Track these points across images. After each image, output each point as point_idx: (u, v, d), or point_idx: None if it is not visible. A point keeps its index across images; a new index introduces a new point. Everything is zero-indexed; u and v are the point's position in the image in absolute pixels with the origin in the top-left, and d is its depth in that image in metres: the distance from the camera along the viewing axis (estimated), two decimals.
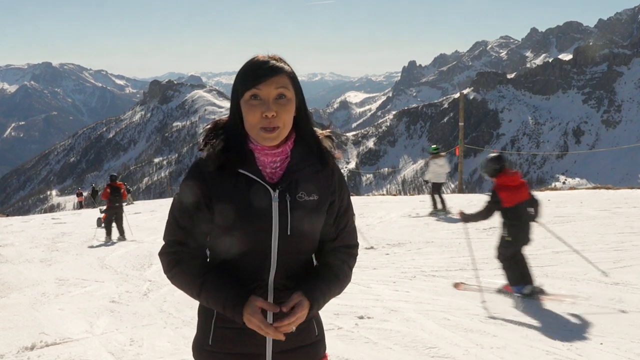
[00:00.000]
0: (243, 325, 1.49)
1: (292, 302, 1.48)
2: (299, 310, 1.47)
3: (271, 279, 1.55)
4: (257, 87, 1.49)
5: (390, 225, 10.84)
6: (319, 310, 1.57)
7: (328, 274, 1.61)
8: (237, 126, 1.57)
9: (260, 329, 1.46)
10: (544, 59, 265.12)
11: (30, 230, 16.61)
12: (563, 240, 6.33)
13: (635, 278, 5.59)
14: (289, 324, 1.46)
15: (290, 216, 1.53)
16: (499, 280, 5.79)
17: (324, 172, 1.61)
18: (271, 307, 1.48)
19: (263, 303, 1.48)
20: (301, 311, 1.47)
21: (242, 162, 1.54)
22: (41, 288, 6.96)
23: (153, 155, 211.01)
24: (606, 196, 12.58)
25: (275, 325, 1.45)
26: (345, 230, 1.67)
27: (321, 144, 1.63)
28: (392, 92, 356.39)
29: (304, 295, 1.50)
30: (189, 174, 1.58)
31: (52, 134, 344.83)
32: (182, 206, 1.57)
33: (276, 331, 1.46)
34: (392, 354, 3.90)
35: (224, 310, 1.50)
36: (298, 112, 1.59)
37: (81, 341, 4.63)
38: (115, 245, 10.98)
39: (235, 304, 1.48)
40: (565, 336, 4.07)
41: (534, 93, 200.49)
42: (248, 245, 1.53)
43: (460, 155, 21.46)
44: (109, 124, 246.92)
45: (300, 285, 1.54)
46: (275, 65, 1.52)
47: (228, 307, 1.49)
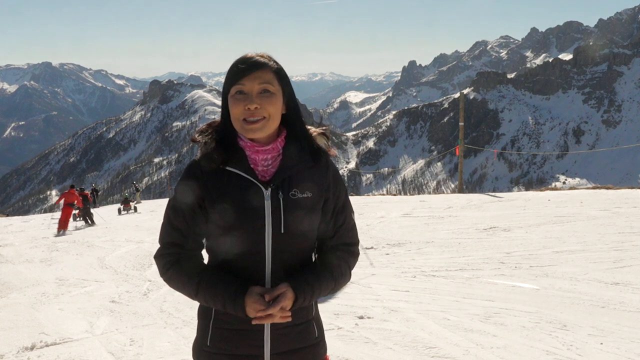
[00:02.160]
0: (246, 319, 1.48)
1: (276, 291, 1.47)
2: (282, 300, 1.46)
3: (268, 278, 1.55)
4: (241, 82, 1.50)
5: (390, 225, 10.85)
6: (305, 304, 1.53)
7: (321, 270, 1.59)
8: (227, 124, 1.58)
9: (263, 315, 1.45)
10: (544, 59, 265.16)
11: (30, 230, 16.61)
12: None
13: (635, 278, 5.59)
14: (270, 314, 1.45)
15: (284, 214, 1.53)
16: (499, 280, 5.79)
17: (318, 169, 1.61)
18: (269, 293, 1.48)
19: (261, 289, 1.48)
20: (284, 302, 1.46)
21: (234, 160, 1.54)
22: (41, 288, 6.97)
23: (153, 155, 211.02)
24: (606, 196, 12.57)
25: (258, 315, 1.45)
26: (343, 228, 1.66)
27: (314, 140, 1.63)
28: (392, 92, 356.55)
29: (290, 286, 1.49)
30: (184, 175, 1.59)
31: (52, 134, 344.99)
32: (177, 207, 1.57)
33: (280, 317, 1.46)
34: (392, 354, 3.90)
35: (224, 307, 1.49)
36: (288, 109, 1.59)
37: (81, 341, 4.63)
38: (115, 245, 10.99)
39: (235, 298, 1.47)
40: (565, 336, 4.06)
41: (534, 93, 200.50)
42: (243, 245, 1.53)
43: (460, 155, 21.47)
44: (109, 124, 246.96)
45: (291, 277, 1.53)
46: (258, 61, 1.53)
47: (228, 302, 1.48)
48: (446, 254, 7.47)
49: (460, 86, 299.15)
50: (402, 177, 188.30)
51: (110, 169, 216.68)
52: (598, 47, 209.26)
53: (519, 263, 6.57)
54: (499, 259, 6.89)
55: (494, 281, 5.80)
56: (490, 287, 5.60)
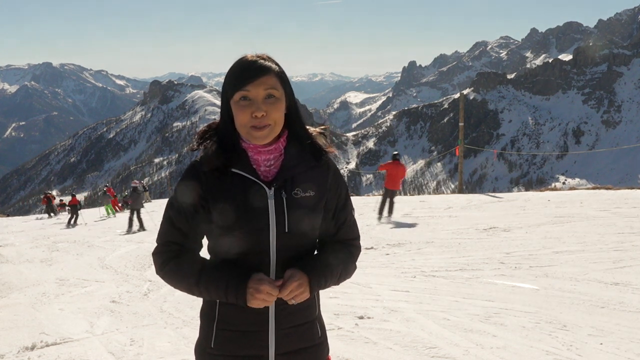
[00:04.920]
0: (247, 308, 1.48)
1: (286, 275, 1.48)
2: (292, 281, 1.46)
3: (272, 277, 1.55)
4: (246, 89, 1.49)
5: (390, 225, 10.85)
6: (321, 287, 1.55)
7: (327, 254, 1.61)
8: (228, 126, 1.58)
9: (269, 295, 1.45)
10: (544, 60, 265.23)
11: (31, 230, 16.61)
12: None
13: (635, 278, 5.59)
14: (289, 292, 1.46)
15: (287, 213, 1.53)
16: (499, 281, 5.79)
17: (319, 168, 1.62)
18: (272, 283, 1.47)
19: (264, 276, 1.48)
20: (294, 281, 1.46)
21: (236, 161, 1.55)
22: (42, 288, 6.97)
23: (153, 156, 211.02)
24: (606, 196, 12.57)
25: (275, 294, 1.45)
26: (345, 225, 1.67)
27: (314, 140, 1.64)
28: (392, 92, 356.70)
29: (299, 269, 1.50)
30: (185, 175, 1.59)
31: (53, 134, 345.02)
32: (178, 207, 1.57)
33: (287, 294, 1.46)
34: (392, 354, 3.90)
35: (226, 295, 1.48)
36: (289, 110, 1.59)
37: (81, 341, 4.63)
38: (115, 245, 10.99)
39: (238, 283, 1.46)
40: (565, 336, 4.07)
41: (534, 93, 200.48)
42: (247, 245, 1.53)
43: (460, 156, 21.47)
44: (110, 124, 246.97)
45: (300, 264, 1.53)
46: (263, 65, 1.52)
47: (230, 289, 1.47)
48: (446, 254, 7.48)
49: (460, 86, 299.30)
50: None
51: (111, 169, 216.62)
52: (598, 48, 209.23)
53: (518, 263, 6.57)
54: (499, 259, 6.89)
55: (494, 281, 5.80)
56: (490, 287, 5.60)
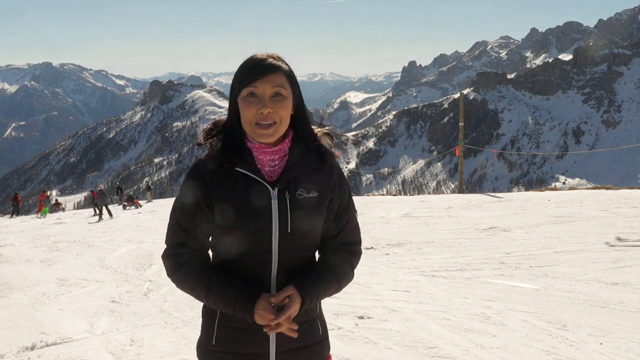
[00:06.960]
0: (253, 324, 1.49)
1: (282, 294, 1.48)
2: (290, 306, 1.46)
3: (273, 278, 1.55)
4: (254, 85, 1.50)
5: (390, 225, 10.85)
6: (311, 306, 1.55)
7: (325, 271, 1.60)
8: (234, 125, 1.58)
9: (273, 324, 1.46)
10: (544, 59, 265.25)
11: (31, 230, 16.61)
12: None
13: (635, 278, 5.59)
14: (279, 324, 1.45)
15: (290, 214, 1.53)
16: (499, 280, 5.79)
17: (324, 169, 1.61)
18: (277, 298, 1.48)
19: (270, 297, 1.49)
20: (292, 308, 1.47)
21: (241, 160, 1.54)
22: (41, 288, 6.96)
23: (153, 156, 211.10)
24: (606, 196, 12.57)
25: (270, 324, 1.45)
26: (347, 228, 1.67)
27: (319, 141, 1.63)
28: (392, 92, 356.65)
29: (295, 288, 1.50)
30: (189, 174, 1.59)
31: (53, 134, 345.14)
32: (183, 207, 1.57)
33: (288, 327, 1.46)
34: (392, 354, 3.90)
35: (234, 311, 1.49)
36: (296, 111, 1.59)
37: (81, 341, 4.63)
38: (115, 245, 10.99)
39: (246, 305, 1.47)
40: (565, 336, 4.06)
41: (534, 93, 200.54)
42: (249, 244, 1.53)
43: (460, 156, 21.47)
44: (109, 124, 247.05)
45: (296, 279, 1.53)
46: (272, 64, 1.52)
47: (238, 308, 1.48)
48: (446, 254, 7.47)
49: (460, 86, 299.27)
50: (402, 177, 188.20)
51: (111, 169, 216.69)
52: (598, 48, 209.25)
53: (518, 263, 6.57)
54: (499, 259, 6.89)
55: (494, 281, 5.80)
56: (490, 287, 5.60)
